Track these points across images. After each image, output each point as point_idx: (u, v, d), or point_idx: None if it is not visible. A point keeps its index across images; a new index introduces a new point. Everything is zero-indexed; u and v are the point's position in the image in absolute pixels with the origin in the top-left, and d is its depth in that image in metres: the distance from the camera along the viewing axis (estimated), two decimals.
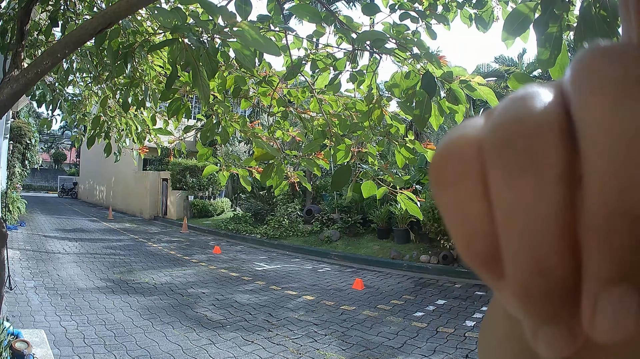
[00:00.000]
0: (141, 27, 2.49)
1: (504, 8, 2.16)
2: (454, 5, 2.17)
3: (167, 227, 14.09)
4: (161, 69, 2.84)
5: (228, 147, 15.14)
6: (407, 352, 3.75)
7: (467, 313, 4.88)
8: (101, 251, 8.66)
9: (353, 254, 8.64)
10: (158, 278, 6.42)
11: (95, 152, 21.74)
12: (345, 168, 1.99)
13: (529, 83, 0.15)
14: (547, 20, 1.19)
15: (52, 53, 1.61)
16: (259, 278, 6.72)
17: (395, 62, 1.81)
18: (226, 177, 2.57)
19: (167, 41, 1.59)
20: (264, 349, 3.76)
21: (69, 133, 40.74)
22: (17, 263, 6.80)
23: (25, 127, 13.08)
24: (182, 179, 15.74)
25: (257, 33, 1.31)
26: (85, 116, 3.79)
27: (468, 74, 1.71)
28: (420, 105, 1.71)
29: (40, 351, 3.20)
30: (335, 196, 11.38)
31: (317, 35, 1.93)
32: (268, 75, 2.29)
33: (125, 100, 2.51)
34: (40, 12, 2.76)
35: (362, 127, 2.10)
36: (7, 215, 11.00)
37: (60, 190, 31.37)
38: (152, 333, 4.06)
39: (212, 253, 9.08)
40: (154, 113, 3.41)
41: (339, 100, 2.32)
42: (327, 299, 5.53)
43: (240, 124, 2.43)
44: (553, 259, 0.13)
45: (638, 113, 0.12)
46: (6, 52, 2.57)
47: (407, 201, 2.05)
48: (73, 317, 4.40)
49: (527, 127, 0.13)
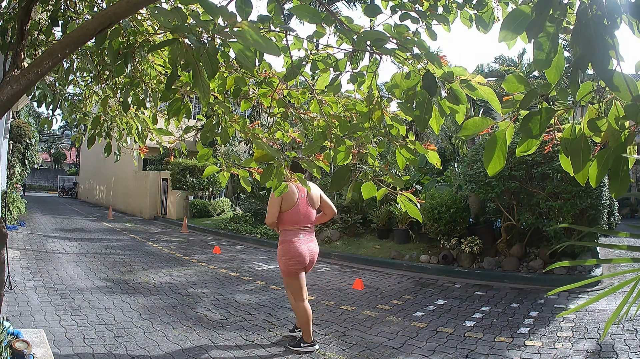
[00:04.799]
0: (141, 27, 2.49)
1: (504, 9, 2.16)
2: (454, 6, 2.17)
3: (167, 227, 14.09)
4: (162, 69, 2.84)
5: (228, 148, 15.14)
6: (407, 352, 3.75)
7: (467, 313, 4.88)
8: (101, 251, 8.66)
9: (353, 254, 8.64)
10: (158, 278, 6.42)
11: (95, 152, 21.75)
12: (345, 168, 1.99)
13: (525, 85, 0.15)
14: (541, 22, 1.19)
15: (52, 53, 1.61)
16: (259, 278, 6.72)
17: (395, 63, 1.81)
18: (226, 178, 2.57)
19: (167, 41, 1.59)
20: (264, 349, 3.76)
21: (69, 133, 40.76)
22: (17, 263, 6.80)
23: (25, 126, 13.08)
24: (182, 179, 15.75)
25: (258, 33, 1.31)
26: (85, 116, 3.79)
27: (469, 74, 1.71)
28: (420, 106, 1.71)
29: (40, 351, 3.20)
30: (335, 197, 11.38)
31: (318, 36, 1.93)
32: (268, 76, 2.29)
33: (125, 100, 2.51)
34: (40, 12, 2.76)
35: (363, 128, 2.10)
36: (7, 214, 11.00)
37: (60, 189, 31.38)
38: (152, 333, 4.06)
39: (212, 253, 9.08)
40: (155, 112, 3.41)
41: (339, 101, 2.32)
42: (327, 299, 5.53)
43: (241, 125, 2.43)
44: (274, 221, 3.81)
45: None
46: (6, 51, 2.58)
47: (406, 202, 2.06)
48: (73, 317, 4.40)
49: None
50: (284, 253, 3.73)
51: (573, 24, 1.22)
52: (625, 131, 1.30)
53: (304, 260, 3.75)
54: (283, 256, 3.73)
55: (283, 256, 3.73)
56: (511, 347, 3.82)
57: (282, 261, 3.74)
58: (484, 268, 6.95)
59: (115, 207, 19.74)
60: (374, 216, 9.27)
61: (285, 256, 3.72)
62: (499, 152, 1.43)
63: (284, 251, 3.74)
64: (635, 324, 4.20)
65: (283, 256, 3.73)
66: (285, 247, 3.74)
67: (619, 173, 1.24)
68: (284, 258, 3.73)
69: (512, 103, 1.46)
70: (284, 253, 3.73)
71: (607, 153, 1.29)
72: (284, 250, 3.74)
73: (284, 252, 3.73)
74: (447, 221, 7.43)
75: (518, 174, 6.52)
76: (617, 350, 3.65)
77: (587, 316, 4.60)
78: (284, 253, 3.73)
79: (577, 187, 6.10)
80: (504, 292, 5.88)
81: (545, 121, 1.33)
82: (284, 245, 3.75)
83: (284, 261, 3.73)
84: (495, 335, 4.14)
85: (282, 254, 3.74)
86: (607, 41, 1.13)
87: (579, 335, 4.06)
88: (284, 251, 3.73)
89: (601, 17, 1.13)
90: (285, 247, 3.74)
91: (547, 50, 1.22)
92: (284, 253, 3.73)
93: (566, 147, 1.40)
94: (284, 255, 3.73)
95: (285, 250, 3.73)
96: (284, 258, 3.72)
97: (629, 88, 1.16)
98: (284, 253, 3.73)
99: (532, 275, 6.40)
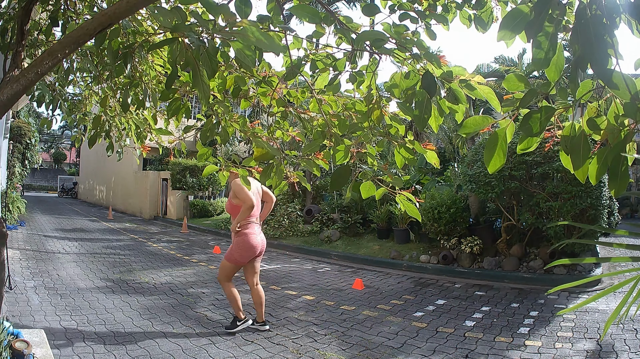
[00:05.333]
0: (141, 27, 2.50)
1: (504, 8, 2.16)
2: (453, 6, 2.17)
3: (167, 227, 14.09)
4: (161, 69, 2.84)
5: (228, 147, 15.14)
6: (407, 352, 3.75)
7: (467, 313, 4.88)
8: (101, 251, 8.66)
9: (353, 254, 8.64)
10: (158, 278, 6.42)
11: (95, 152, 21.75)
12: (345, 168, 1.99)
13: (525, 83, 0.15)
14: (540, 22, 1.19)
15: (52, 53, 1.61)
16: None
17: (394, 63, 1.81)
18: (226, 177, 2.57)
19: (167, 40, 1.60)
20: (264, 349, 3.76)
21: (69, 133, 40.74)
22: (17, 263, 6.80)
23: (25, 126, 13.08)
24: (182, 179, 15.75)
25: (260, 31, 1.31)
26: (85, 116, 3.80)
27: (468, 74, 1.71)
28: (419, 106, 1.71)
29: (40, 351, 3.20)
30: (335, 196, 11.38)
31: (317, 36, 1.94)
32: (268, 75, 2.29)
33: (125, 100, 2.51)
34: (40, 12, 2.76)
35: (362, 127, 2.10)
36: (7, 214, 11.00)
37: (60, 189, 31.37)
38: (152, 333, 4.06)
39: (212, 253, 9.09)
40: (155, 112, 3.42)
41: (339, 100, 2.32)
42: (327, 299, 5.53)
43: (240, 124, 2.43)
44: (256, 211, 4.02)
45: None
46: (6, 51, 2.58)
47: (406, 202, 2.06)
48: (73, 317, 4.40)
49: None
50: (242, 244, 3.94)
51: (572, 23, 1.22)
52: (625, 129, 1.30)
53: (256, 251, 4.02)
54: (240, 248, 3.94)
55: (240, 247, 3.94)
56: (511, 347, 3.82)
57: (238, 252, 3.94)
58: (484, 268, 6.95)
59: (115, 207, 19.74)
60: (374, 216, 9.27)
61: (242, 248, 3.94)
62: (500, 150, 1.43)
63: (242, 243, 3.94)
64: (635, 324, 4.20)
65: (240, 248, 3.94)
66: (244, 239, 3.94)
67: (618, 171, 1.24)
68: (241, 249, 3.94)
69: (512, 102, 1.46)
70: (242, 244, 3.94)
71: (606, 151, 1.30)
72: (243, 242, 3.94)
73: (242, 244, 3.94)
74: (447, 221, 7.43)
75: (518, 174, 6.52)
76: (617, 350, 3.65)
77: (587, 316, 4.60)
78: (242, 244, 3.94)
79: (577, 187, 6.09)
80: (504, 292, 5.88)
81: (545, 119, 1.33)
82: (243, 237, 3.94)
83: (239, 253, 3.94)
84: (495, 335, 4.14)
85: (240, 246, 3.94)
86: (606, 40, 1.13)
87: (579, 335, 4.06)
88: (242, 243, 3.94)
89: (600, 17, 1.13)
90: (244, 239, 3.94)
91: (546, 50, 1.23)
92: (242, 244, 3.94)
93: (566, 144, 1.40)
94: (242, 246, 3.94)
95: (244, 242, 3.94)
96: (241, 250, 3.94)
97: (628, 87, 1.16)
98: (242, 244, 3.94)
99: (532, 275, 6.40)
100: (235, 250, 3.95)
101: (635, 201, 15.24)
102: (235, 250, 3.95)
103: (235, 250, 3.95)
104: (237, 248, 3.94)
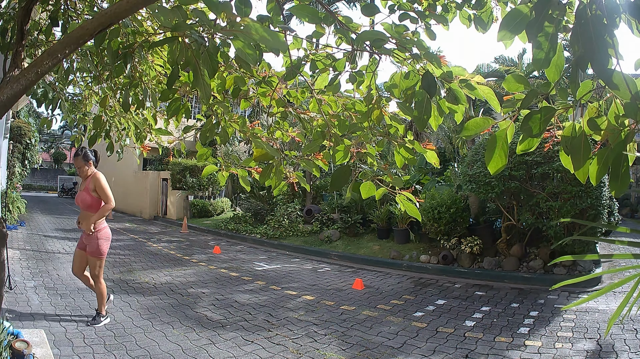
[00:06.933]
0: (141, 27, 2.49)
1: (503, 8, 2.16)
2: (452, 6, 2.17)
3: (167, 227, 14.09)
4: (161, 69, 2.84)
5: (228, 147, 15.14)
6: (407, 352, 3.75)
7: (467, 313, 4.88)
8: None
9: (353, 254, 8.64)
10: (158, 278, 6.42)
11: None
12: (345, 168, 1.99)
13: (525, 84, 0.15)
14: (540, 22, 1.19)
15: (52, 53, 1.61)
16: (259, 278, 6.72)
17: (394, 63, 1.81)
18: (225, 177, 2.57)
19: (167, 39, 1.60)
20: (264, 349, 3.76)
21: (69, 133, 40.73)
22: (17, 263, 6.80)
23: (25, 126, 13.07)
24: (182, 179, 15.74)
25: (263, 27, 1.31)
26: (85, 116, 3.80)
27: (468, 74, 1.71)
28: (419, 106, 1.71)
29: (40, 351, 3.20)
30: (335, 196, 11.38)
31: (317, 36, 1.93)
32: (267, 75, 2.29)
33: (125, 100, 2.51)
34: (40, 12, 2.76)
35: (362, 127, 2.10)
36: (7, 214, 11.00)
37: (60, 189, 31.35)
38: (152, 333, 4.06)
39: (212, 253, 9.08)
40: (155, 112, 3.42)
41: (339, 100, 2.32)
42: (327, 299, 5.53)
43: (240, 124, 2.43)
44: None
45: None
46: (6, 51, 2.58)
47: (406, 202, 2.06)
48: (73, 317, 4.40)
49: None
50: (106, 236, 4.22)
51: (572, 23, 1.22)
52: (625, 129, 1.30)
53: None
54: (106, 240, 4.21)
55: (106, 239, 4.21)
56: (511, 347, 3.82)
57: (105, 244, 4.19)
58: (484, 268, 6.95)
59: (115, 207, 19.71)
60: (374, 216, 9.27)
61: (107, 239, 4.23)
62: (500, 151, 1.43)
63: (105, 234, 4.21)
64: (635, 324, 4.20)
65: (106, 240, 4.21)
66: (105, 231, 4.24)
67: (618, 171, 1.24)
68: (106, 241, 4.21)
69: (512, 102, 1.46)
70: (105, 236, 4.21)
71: (607, 151, 1.30)
72: (105, 233, 4.22)
73: (105, 235, 4.22)
74: (447, 221, 7.43)
75: (518, 174, 6.52)
76: (617, 350, 3.65)
77: (587, 316, 4.60)
78: (105, 236, 4.21)
79: (577, 187, 6.09)
80: (504, 292, 5.88)
81: (545, 120, 1.33)
82: (106, 230, 4.24)
83: (105, 244, 4.20)
84: (495, 335, 4.14)
85: (105, 238, 4.21)
86: (606, 40, 1.13)
87: (579, 335, 4.06)
88: (105, 234, 4.22)
89: (600, 17, 1.13)
90: (105, 231, 4.24)
91: (546, 50, 1.22)
92: (105, 236, 4.21)
93: (567, 145, 1.40)
94: (107, 238, 4.23)
95: (106, 233, 4.23)
96: (107, 241, 4.22)
97: (628, 87, 1.16)
98: (106, 236, 4.22)
99: (532, 275, 6.39)
100: (102, 244, 4.18)
101: (635, 201, 15.24)
102: (102, 244, 4.18)
103: (102, 244, 4.18)
104: (104, 240, 4.19)
